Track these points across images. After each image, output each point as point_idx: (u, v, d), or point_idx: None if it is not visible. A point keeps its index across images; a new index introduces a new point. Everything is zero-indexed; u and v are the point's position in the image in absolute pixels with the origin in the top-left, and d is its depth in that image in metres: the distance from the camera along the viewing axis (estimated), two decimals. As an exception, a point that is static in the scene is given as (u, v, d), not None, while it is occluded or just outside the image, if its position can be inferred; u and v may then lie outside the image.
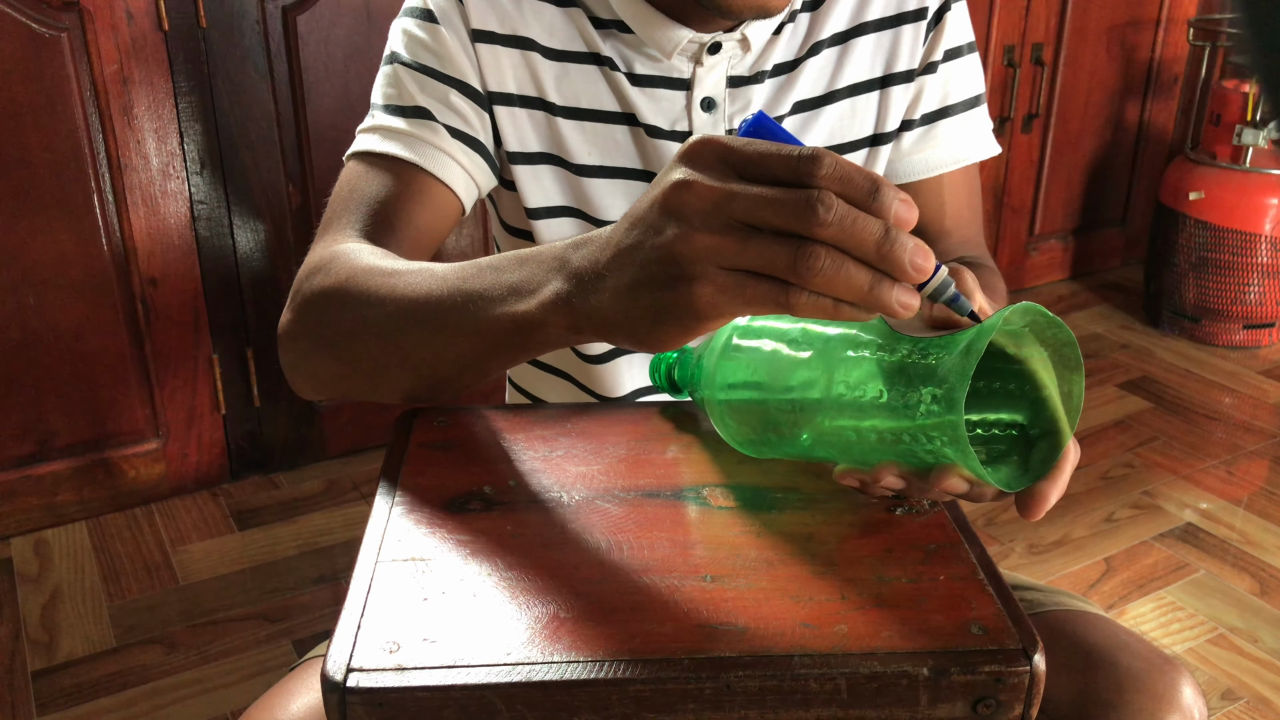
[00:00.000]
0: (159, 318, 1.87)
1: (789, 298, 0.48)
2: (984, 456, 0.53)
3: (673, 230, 0.49)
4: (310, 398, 0.76)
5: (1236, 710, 1.52)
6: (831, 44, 0.86)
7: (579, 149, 0.84)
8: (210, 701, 1.52)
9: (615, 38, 0.83)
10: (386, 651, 0.48)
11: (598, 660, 0.47)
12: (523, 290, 0.58)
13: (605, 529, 0.57)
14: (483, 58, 0.83)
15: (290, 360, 0.75)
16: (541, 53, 0.83)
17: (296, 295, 0.73)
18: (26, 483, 1.85)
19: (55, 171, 1.71)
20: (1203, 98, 2.69)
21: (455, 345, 0.62)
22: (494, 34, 0.82)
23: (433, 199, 0.81)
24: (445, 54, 0.82)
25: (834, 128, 0.87)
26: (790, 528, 0.57)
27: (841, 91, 0.86)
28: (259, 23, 1.80)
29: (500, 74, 0.83)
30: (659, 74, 0.84)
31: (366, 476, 2.05)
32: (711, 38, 0.82)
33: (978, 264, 0.90)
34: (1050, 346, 0.53)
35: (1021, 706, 0.48)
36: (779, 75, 0.85)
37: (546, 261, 0.57)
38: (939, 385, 0.48)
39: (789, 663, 0.47)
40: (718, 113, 0.84)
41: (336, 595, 1.74)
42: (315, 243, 0.78)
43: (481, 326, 0.60)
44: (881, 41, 0.86)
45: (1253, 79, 0.39)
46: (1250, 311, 2.55)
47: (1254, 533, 1.90)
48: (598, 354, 0.91)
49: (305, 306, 0.72)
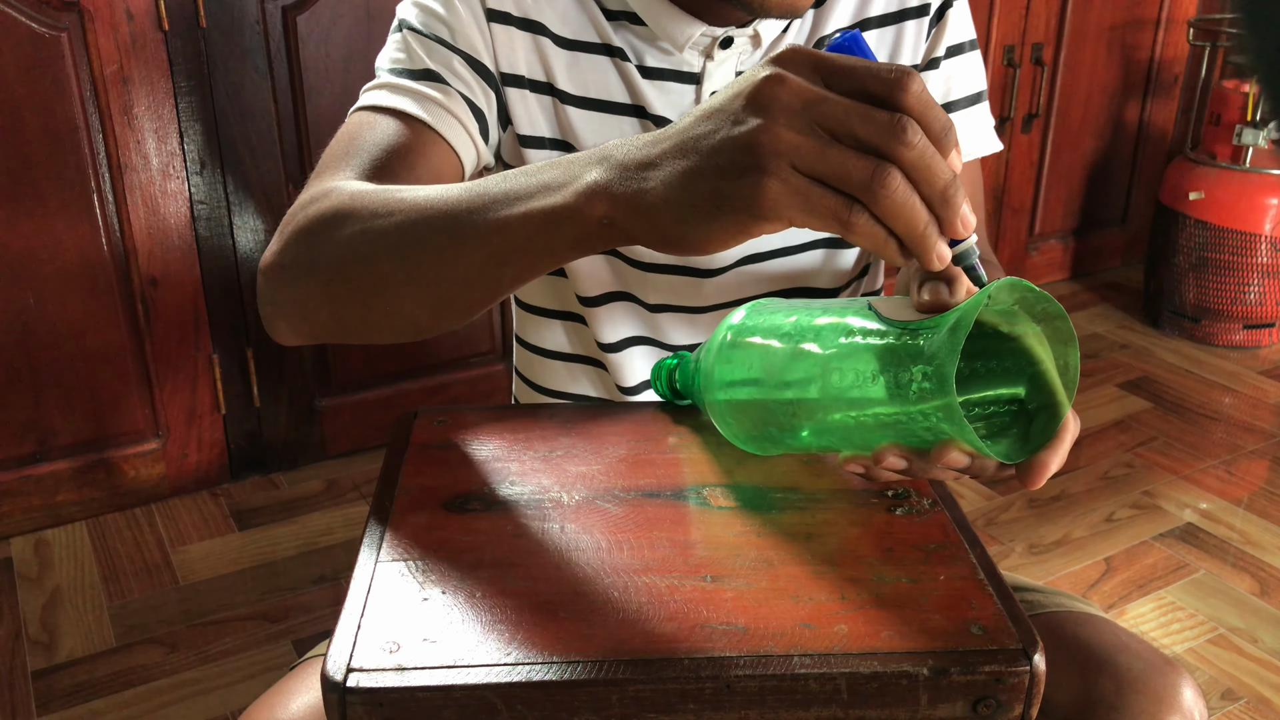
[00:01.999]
0: (159, 318, 1.87)
1: (851, 216, 0.49)
2: (984, 432, 0.54)
3: (756, 121, 0.49)
4: (288, 341, 0.71)
5: (1236, 710, 1.52)
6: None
7: (587, 138, 0.85)
8: (210, 701, 1.52)
9: (627, 29, 0.84)
10: (386, 651, 0.48)
11: (598, 660, 0.47)
12: (555, 185, 0.56)
13: (605, 529, 0.57)
14: (497, 37, 0.82)
15: (271, 294, 0.69)
16: (553, 39, 0.83)
17: (286, 226, 0.69)
18: (26, 483, 1.85)
19: (55, 171, 1.71)
20: (1203, 98, 2.68)
21: (471, 251, 0.59)
22: (509, 15, 0.82)
23: (438, 156, 0.79)
24: (459, 27, 0.81)
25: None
26: (790, 528, 0.57)
27: None
28: (259, 23, 1.80)
29: (513, 55, 0.83)
30: (670, 67, 0.84)
31: (366, 476, 2.05)
32: (724, 32, 0.82)
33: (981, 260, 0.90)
34: (1042, 321, 0.53)
35: (1021, 706, 0.48)
36: None
37: (584, 156, 0.57)
38: (929, 363, 0.49)
39: (789, 663, 0.47)
40: None
41: (336, 595, 1.74)
42: (309, 185, 0.73)
43: (505, 224, 0.57)
44: (884, 38, 0.87)
45: (1253, 79, 0.39)
46: (1250, 311, 2.55)
47: (1254, 533, 1.90)
48: (612, 343, 0.91)
49: (297, 234, 0.68)
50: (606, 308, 0.90)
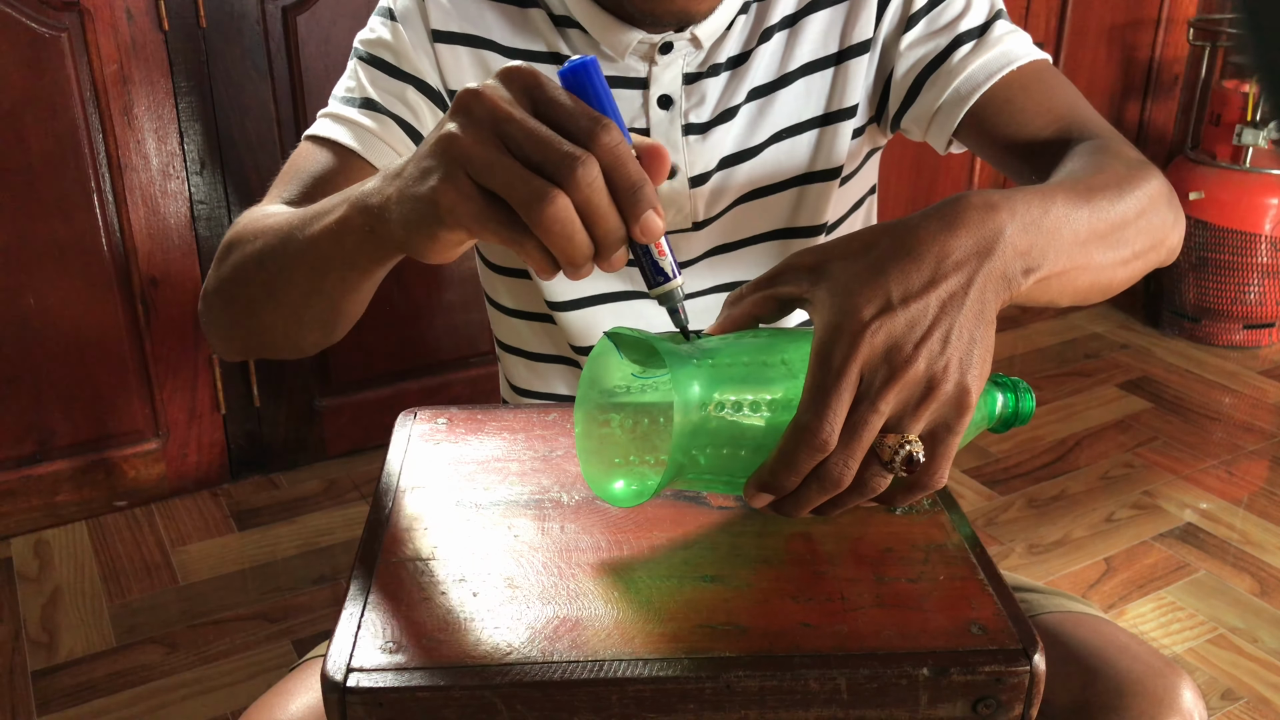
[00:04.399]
0: (159, 318, 1.87)
1: (518, 237, 0.51)
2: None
3: (447, 128, 0.51)
4: (225, 356, 0.81)
5: (1236, 710, 1.52)
6: (781, 28, 0.85)
7: None
8: (210, 701, 1.52)
9: (573, 37, 0.84)
10: (386, 651, 0.48)
11: (598, 660, 0.47)
12: (345, 199, 0.61)
13: (605, 529, 0.57)
14: (442, 57, 0.84)
15: (201, 315, 0.78)
16: (501, 52, 0.84)
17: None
18: (26, 483, 1.85)
19: (55, 171, 1.71)
20: (1203, 98, 2.69)
21: (295, 266, 0.65)
22: (453, 34, 0.84)
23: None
24: (403, 52, 0.84)
25: (790, 109, 0.85)
26: (790, 528, 0.57)
27: (794, 73, 0.85)
28: (259, 23, 1.80)
29: (460, 73, 0.84)
30: (615, 73, 0.84)
31: (366, 476, 2.05)
32: (662, 38, 0.82)
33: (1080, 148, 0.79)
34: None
35: (1021, 706, 0.48)
36: (733, 67, 0.85)
37: (378, 174, 0.60)
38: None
39: (789, 663, 0.47)
40: (674, 110, 0.84)
41: (336, 595, 1.74)
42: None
43: (314, 239, 0.63)
44: (835, 16, 0.84)
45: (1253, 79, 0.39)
46: (1250, 311, 2.55)
47: (1254, 533, 1.90)
48: (565, 300, 0.90)
49: (214, 258, 0.76)
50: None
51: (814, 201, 0.87)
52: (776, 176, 0.87)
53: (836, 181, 0.87)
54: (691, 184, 0.85)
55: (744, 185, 0.86)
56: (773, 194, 0.87)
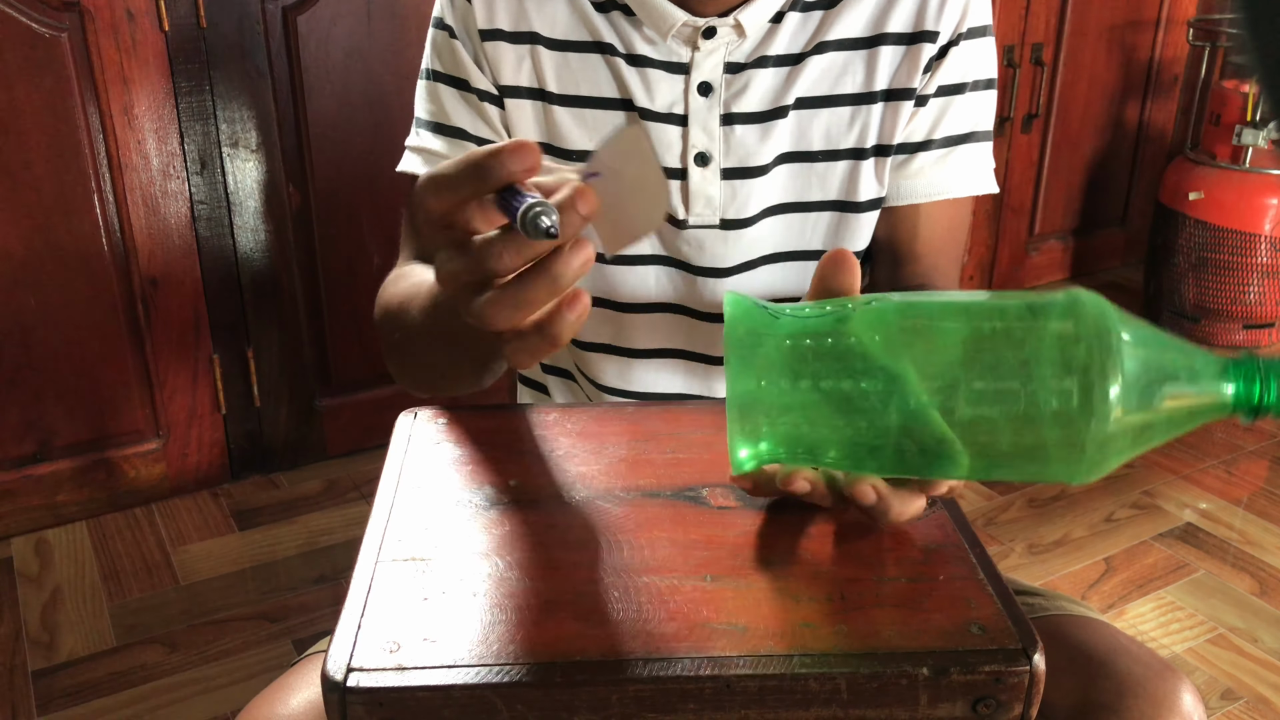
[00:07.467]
0: (159, 318, 1.87)
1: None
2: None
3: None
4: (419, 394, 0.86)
5: (1236, 710, 1.52)
6: (840, 48, 0.84)
7: (573, 137, 0.85)
8: (210, 701, 1.52)
9: (618, 19, 0.84)
10: (386, 651, 0.48)
11: (598, 660, 0.47)
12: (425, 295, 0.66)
13: (605, 529, 0.57)
14: (490, 56, 0.85)
15: (394, 375, 0.83)
16: (545, 44, 0.85)
17: None
18: (27, 483, 1.85)
19: (55, 171, 1.71)
20: (1203, 98, 2.68)
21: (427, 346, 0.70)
22: (500, 31, 0.85)
23: None
24: (462, 64, 0.86)
25: (828, 131, 0.86)
26: (790, 528, 0.57)
27: (845, 98, 0.85)
28: (259, 23, 1.80)
29: (507, 68, 0.86)
30: (658, 57, 0.84)
31: (366, 476, 2.05)
32: (706, 22, 0.82)
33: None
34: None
35: (1021, 706, 0.48)
36: (783, 66, 0.84)
37: None
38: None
39: (789, 662, 0.47)
40: (714, 97, 0.84)
41: (336, 595, 1.74)
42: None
43: (425, 313, 0.66)
44: (896, 56, 0.84)
45: (1253, 79, 0.39)
46: (1250, 311, 2.55)
47: (1254, 533, 1.90)
48: (586, 343, 0.92)
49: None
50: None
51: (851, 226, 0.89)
52: (806, 196, 0.87)
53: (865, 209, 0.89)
54: (724, 176, 0.85)
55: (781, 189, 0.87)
56: (803, 212, 0.88)
